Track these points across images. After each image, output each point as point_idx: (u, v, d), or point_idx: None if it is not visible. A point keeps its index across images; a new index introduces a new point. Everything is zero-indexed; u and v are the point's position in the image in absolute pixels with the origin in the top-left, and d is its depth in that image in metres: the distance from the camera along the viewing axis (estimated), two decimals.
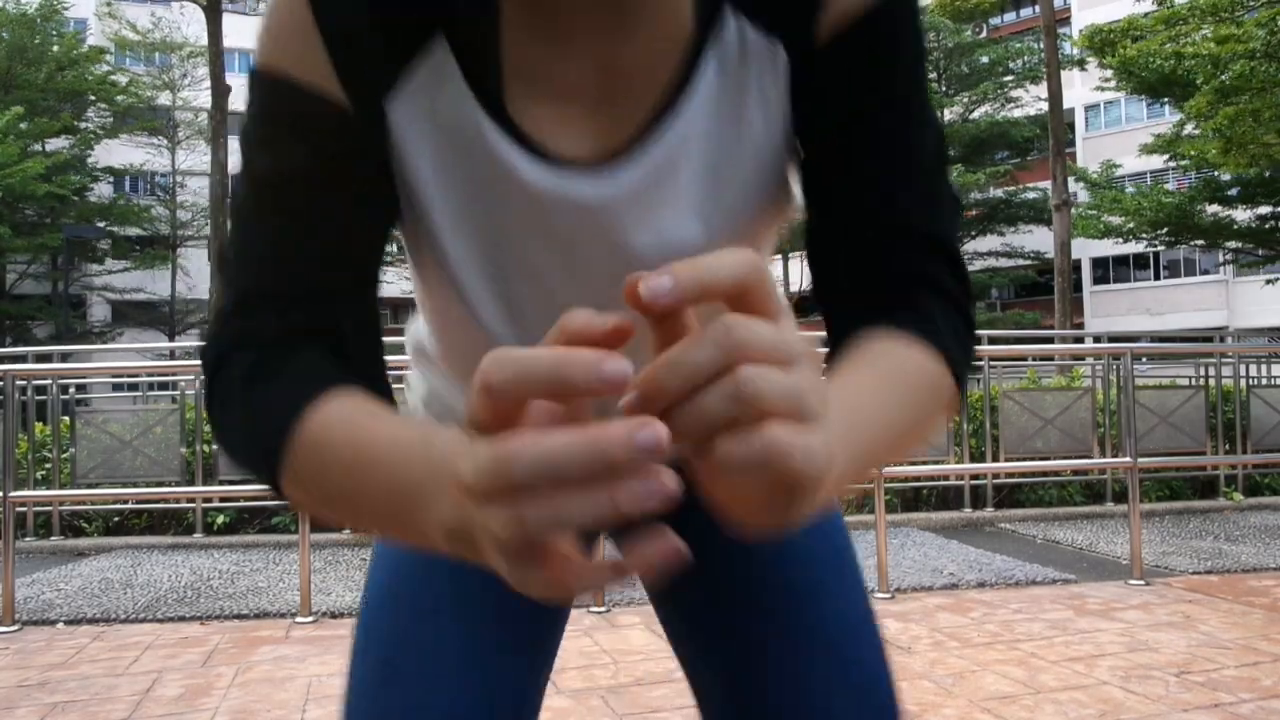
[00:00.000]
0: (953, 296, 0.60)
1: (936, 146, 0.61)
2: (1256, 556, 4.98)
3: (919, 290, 0.59)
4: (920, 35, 0.60)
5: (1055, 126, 13.34)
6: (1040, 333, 12.97)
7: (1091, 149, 29.69)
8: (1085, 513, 6.61)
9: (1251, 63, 12.84)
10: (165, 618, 4.09)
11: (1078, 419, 6.39)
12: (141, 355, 15.27)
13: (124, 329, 27.74)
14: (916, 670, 3.07)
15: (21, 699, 3.01)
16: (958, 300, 0.60)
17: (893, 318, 0.56)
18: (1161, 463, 6.51)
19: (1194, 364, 8.08)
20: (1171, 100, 16.79)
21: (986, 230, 26.29)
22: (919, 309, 0.58)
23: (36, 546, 5.97)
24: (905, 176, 0.59)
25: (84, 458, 5.53)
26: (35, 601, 4.44)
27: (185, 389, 6.37)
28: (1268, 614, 3.75)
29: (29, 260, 24.40)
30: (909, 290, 0.59)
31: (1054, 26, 13.71)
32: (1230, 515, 6.57)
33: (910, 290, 0.59)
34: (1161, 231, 18.82)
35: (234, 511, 6.22)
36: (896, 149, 0.59)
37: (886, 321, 0.55)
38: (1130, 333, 20.04)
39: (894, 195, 0.59)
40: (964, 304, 0.61)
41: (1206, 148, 15.25)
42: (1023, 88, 24.99)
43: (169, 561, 5.45)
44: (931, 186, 0.60)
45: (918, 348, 0.54)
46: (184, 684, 3.10)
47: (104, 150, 26.68)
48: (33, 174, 20.49)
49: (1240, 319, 26.33)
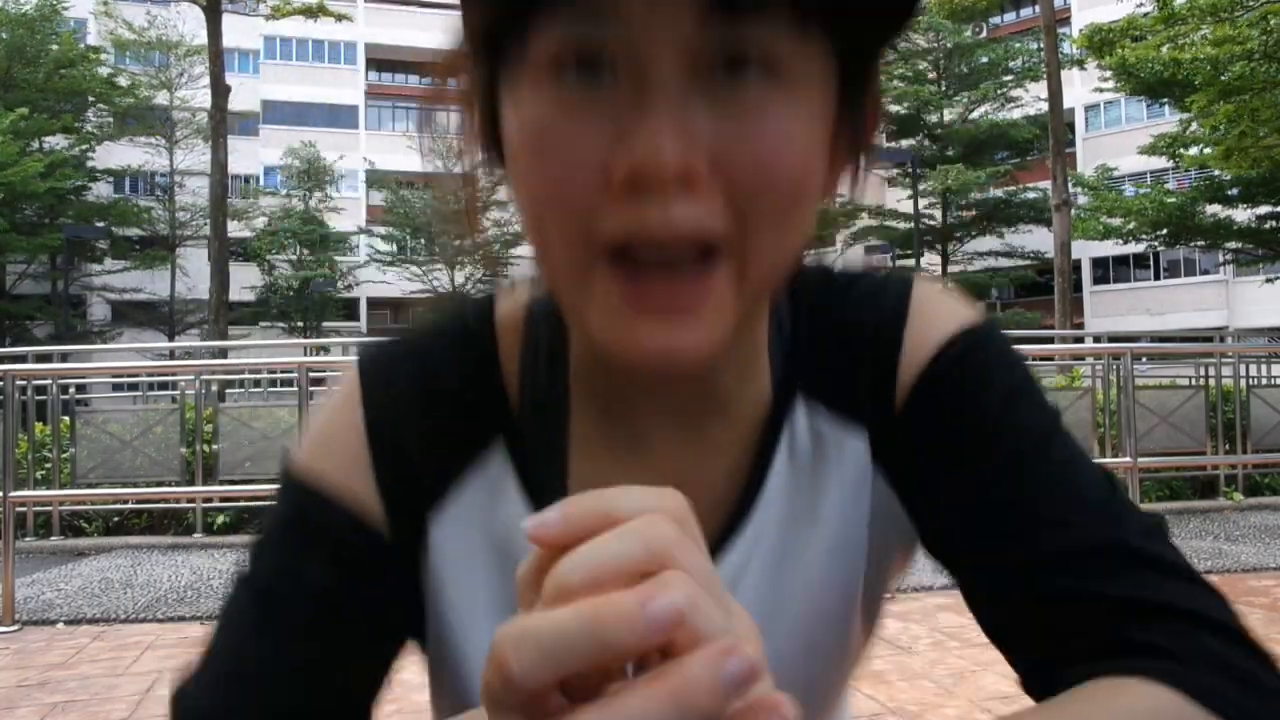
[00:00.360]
0: (1190, 614, 0.44)
1: (1082, 476, 0.50)
2: (1256, 556, 4.98)
3: (1125, 622, 0.45)
4: (1009, 365, 0.53)
5: (1055, 126, 13.35)
6: (1040, 333, 12.97)
7: (1091, 149, 29.69)
8: None
9: (1250, 64, 12.84)
10: (165, 618, 4.10)
11: (1078, 419, 6.39)
12: (141, 355, 15.26)
13: (123, 329, 27.76)
14: (917, 670, 3.07)
15: (22, 699, 3.01)
16: (1202, 618, 0.45)
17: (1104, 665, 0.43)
18: (1161, 463, 6.52)
19: (1194, 364, 8.07)
20: (1171, 100, 16.80)
21: (986, 230, 26.31)
22: (1134, 643, 0.44)
23: (36, 546, 5.97)
24: (1039, 517, 0.48)
25: (84, 458, 5.53)
26: (35, 601, 4.44)
27: (185, 389, 6.37)
28: (1268, 614, 3.75)
29: (28, 260, 24.40)
30: (1113, 629, 0.45)
31: (1054, 26, 13.72)
32: (1230, 515, 6.57)
33: (1115, 628, 0.45)
34: (1161, 232, 18.82)
35: (234, 511, 6.22)
36: (1024, 489, 0.49)
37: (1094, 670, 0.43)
38: (1130, 333, 20.07)
39: (1036, 535, 0.48)
40: (1218, 621, 0.45)
41: (1207, 156, 15.26)
42: (1022, 87, 24.98)
43: (169, 561, 5.45)
44: (1082, 509, 0.48)
45: (1142, 687, 0.41)
46: None
47: (103, 151, 26.71)
48: (32, 173, 20.48)
49: (1240, 319, 26.32)
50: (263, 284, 28.96)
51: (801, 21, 0.40)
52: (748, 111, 0.40)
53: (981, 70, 25.86)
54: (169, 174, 28.45)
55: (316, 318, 28.91)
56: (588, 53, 0.39)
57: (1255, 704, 0.41)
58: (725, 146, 0.39)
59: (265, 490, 5.47)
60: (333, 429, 0.53)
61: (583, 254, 0.41)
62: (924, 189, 22.94)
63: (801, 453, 0.53)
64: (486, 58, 0.45)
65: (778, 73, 0.40)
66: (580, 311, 0.44)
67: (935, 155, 25.54)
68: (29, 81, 23.29)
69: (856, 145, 0.48)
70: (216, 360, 8.71)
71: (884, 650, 3.27)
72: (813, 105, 0.42)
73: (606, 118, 0.39)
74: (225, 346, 10.13)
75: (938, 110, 25.78)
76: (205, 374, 6.61)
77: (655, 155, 0.38)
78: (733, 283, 0.42)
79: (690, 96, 0.39)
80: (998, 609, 0.50)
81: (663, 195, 0.39)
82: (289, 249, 28.85)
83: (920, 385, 0.52)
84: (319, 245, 29.19)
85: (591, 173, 0.40)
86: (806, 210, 0.43)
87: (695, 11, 0.38)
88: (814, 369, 0.54)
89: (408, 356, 0.55)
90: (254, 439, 5.62)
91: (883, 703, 2.80)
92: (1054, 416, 0.52)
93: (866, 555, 0.54)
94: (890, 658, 3.21)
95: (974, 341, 0.53)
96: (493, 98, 0.45)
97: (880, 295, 0.55)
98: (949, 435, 0.51)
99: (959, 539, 0.51)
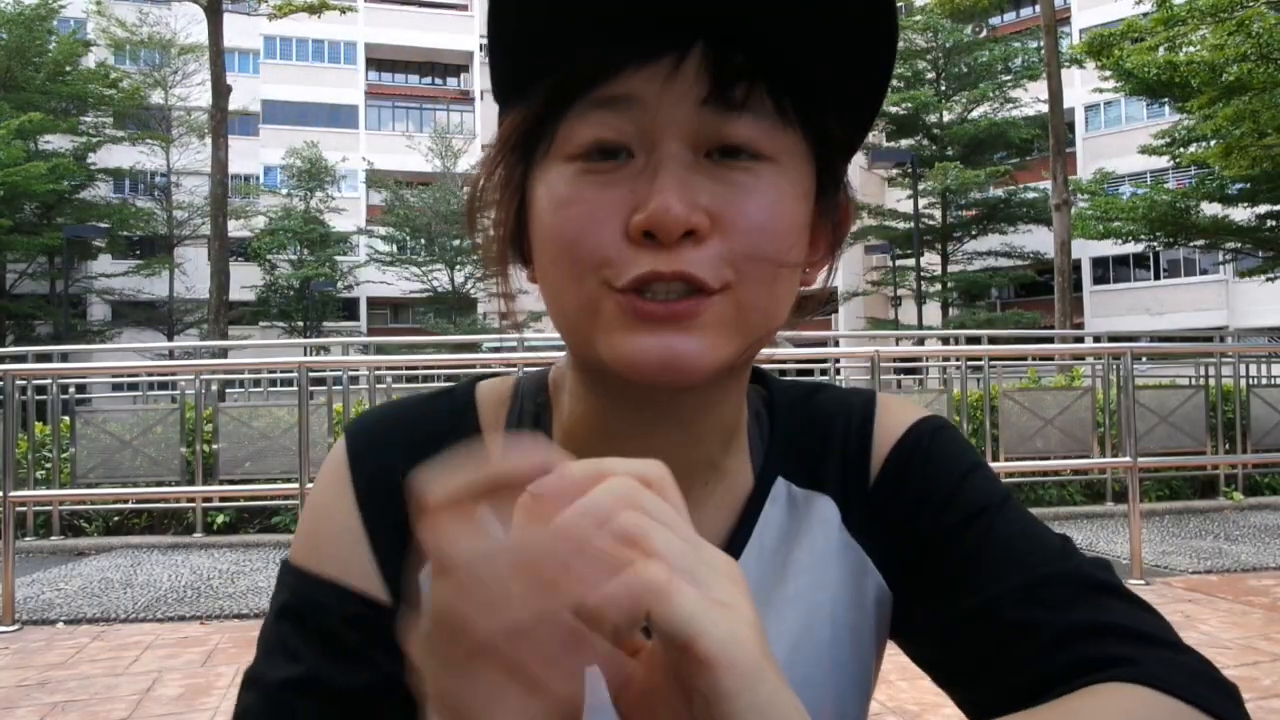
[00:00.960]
0: (1145, 634, 0.51)
1: (1037, 528, 0.57)
2: (1256, 556, 4.98)
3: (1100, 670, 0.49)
4: (965, 447, 0.61)
5: (1055, 125, 13.33)
6: (1040, 332, 12.98)
7: (1091, 149, 29.66)
8: (1085, 512, 6.61)
9: (1248, 65, 12.83)
10: (165, 617, 4.10)
11: (1078, 419, 6.39)
12: (141, 355, 15.26)
13: (123, 328, 27.74)
14: (917, 670, 3.07)
15: (21, 699, 3.00)
16: (1156, 637, 0.51)
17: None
18: (1161, 462, 6.51)
19: (1194, 364, 8.09)
20: (1171, 100, 16.78)
21: (986, 230, 26.28)
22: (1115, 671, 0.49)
23: (36, 546, 5.97)
24: (1011, 578, 0.54)
25: (84, 457, 5.52)
26: (35, 601, 4.44)
27: (185, 389, 6.37)
28: (1267, 614, 3.75)
29: (28, 260, 24.38)
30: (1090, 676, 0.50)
31: (1054, 25, 13.69)
32: (1230, 515, 6.57)
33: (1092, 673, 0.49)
34: (1159, 234, 18.78)
35: (234, 511, 6.22)
36: (987, 541, 0.56)
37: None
38: (1130, 332, 20.06)
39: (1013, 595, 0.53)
40: (1171, 640, 0.52)
41: (1206, 154, 15.23)
42: (1022, 87, 24.95)
43: (169, 561, 5.45)
44: (1053, 585, 0.54)
45: (1134, 692, 0.47)
46: (184, 684, 3.10)
47: (102, 150, 26.67)
48: (36, 175, 20.48)
49: (1240, 319, 26.30)
50: (263, 284, 28.94)
51: (782, 118, 0.49)
52: (740, 184, 0.48)
53: (981, 69, 25.83)
54: (166, 173, 28.42)
55: (317, 317, 28.91)
56: (608, 140, 0.48)
57: (1222, 700, 0.47)
58: (722, 210, 0.48)
59: (265, 490, 5.49)
60: (325, 508, 0.56)
61: (596, 292, 0.48)
62: (923, 189, 22.92)
63: (778, 521, 0.59)
64: (520, 156, 0.53)
65: (764, 157, 0.49)
66: (589, 337, 0.50)
67: (935, 155, 25.51)
68: (30, 82, 23.27)
69: (833, 236, 0.56)
70: (216, 360, 8.71)
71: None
72: (795, 186, 0.50)
73: (624, 187, 0.48)
74: (225, 346, 10.13)
75: (937, 110, 25.75)
76: (205, 374, 6.62)
77: (666, 212, 0.46)
78: (729, 309, 0.49)
79: (694, 172, 0.48)
80: (958, 655, 0.56)
81: (671, 245, 0.47)
82: (289, 249, 28.84)
83: (891, 463, 0.60)
84: (319, 245, 29.17)
85: (612, 226, 0.48)
86: (791, 272, 0.51)
87: (697, 103, 0.48)
88: (791, 455, 0.61)
89: (395, 424, 0.59)
90: (254, 439, 5.62)
91: (882, 702, 2.80)
92: (1006, 489, 0.60)
93: (845, 606, 0.59)
94: (890, 658, 3.17)
95: (934, 427, 0.62)
96: (521, 190, 0.53)
97: (849, 397, 0.64)
98: (919, 501, 0.58)
99: (925, 591, 0.57)
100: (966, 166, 24.35)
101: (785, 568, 0.58)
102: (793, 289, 0.52)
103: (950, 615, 0.55)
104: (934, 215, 25.76)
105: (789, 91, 0.49)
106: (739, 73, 0.48)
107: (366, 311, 33.46)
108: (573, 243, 0.48)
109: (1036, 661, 0.51)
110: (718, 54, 0.48)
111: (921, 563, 0.57)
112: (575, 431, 0.57)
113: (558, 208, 0.49)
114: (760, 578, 0.57)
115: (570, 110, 0.49)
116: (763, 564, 0.57)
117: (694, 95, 0.48)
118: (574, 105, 0.49)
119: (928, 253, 25.35)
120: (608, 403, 0.55)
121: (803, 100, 0.50)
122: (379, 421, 0.59)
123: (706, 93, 0.47)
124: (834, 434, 0.62)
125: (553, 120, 0.50)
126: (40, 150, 23.46)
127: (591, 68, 0.48)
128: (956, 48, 25.68)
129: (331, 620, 0.52)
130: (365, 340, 15.84)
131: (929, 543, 0.57)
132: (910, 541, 0.58)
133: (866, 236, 25.81)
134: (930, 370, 9.34)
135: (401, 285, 29.15)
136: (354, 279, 30.54)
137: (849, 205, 0.57)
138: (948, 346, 11.02)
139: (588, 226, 0.48)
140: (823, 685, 0.57)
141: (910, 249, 22.20)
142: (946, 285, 26.06)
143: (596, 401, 0.55)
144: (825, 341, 9.62)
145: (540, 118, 0.50)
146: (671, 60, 0.48)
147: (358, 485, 0.56)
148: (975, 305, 28.09)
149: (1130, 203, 18.38)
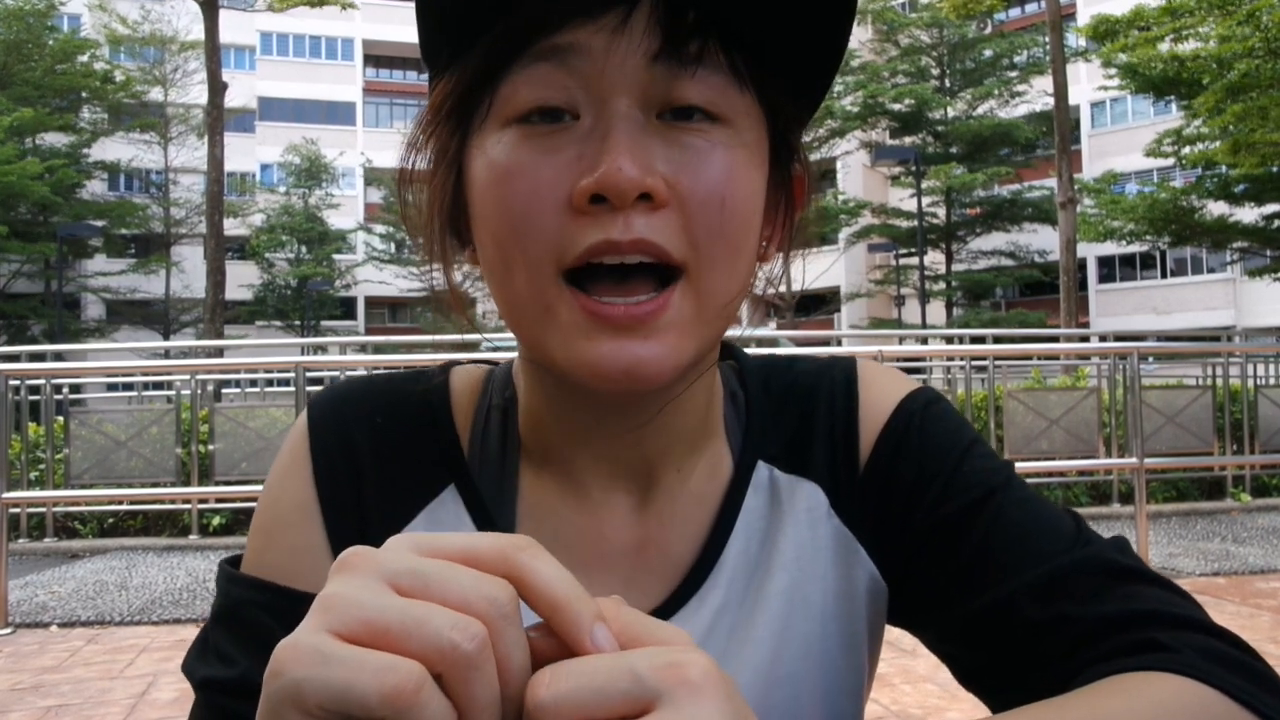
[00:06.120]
0: (1175, 617, 0.48)
1: (1046, 510, 0.53)
2: (1264, 558, 4.94)
3: (1118, 635, 0.48)
4: (960, 423, 0.57)
5: (1060, 123, 13.29)
6: (1045, 332, 12.91)
7: (1097, 146, 29.61)
8: (1091, 514, 6.55)
9: (1255, 61, 12.78)
10: (160, 620, 4.07)
11: (1083, 419, 6.33)
12: (136, 355, 15.23)
13: (118, 327, 27.73)
14: (921, 673, 3.04)
15: (14, 703, 2.98)
16: (1185, 618, 0.48)
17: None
18: (1168, 463, 6.47)
19: (1201, 363, 8.04)
20: (1177, 98, 16.72)
21: (991, 228, 26.23)
22: (1137, 649, 0.47)
23: (30, 548, 5.95)
24: (1018, 557, 0.51)
25: (78, 458, 5.48)
26: (29, 604, 4.41)
27: (180, 389, 6.33)
28: (1275, 616, 3.72)
29: (23, 260, 24.34)
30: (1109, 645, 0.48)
31: (1060, 22, 13.64)
32: (1238, 516, 6.53)
33: (1109, 643, 0.48)
34: (1162, 234, 18.73)
35: (229, 512, 6.19)
36: (995, 530, 0.52)
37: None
38: (1136, 332, 19.95)
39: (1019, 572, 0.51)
40: (1199, 620, 0.48)
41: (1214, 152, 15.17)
42: (1027, 83, 24.88)
43: (164, 563, 5.43)
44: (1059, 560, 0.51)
45: (1153, 681, 0.44)
46: (179, 687, 3.05)
47: (97, 147, 26.66)
48: (31, 174, 20.47)
49: (1248, 318, 26.23)
50: (260, 282, 28.93)
51: (736, 78, 0.46)
52: (695, 148, 0.45)
53: (985, 65, 25.79)
54: (163, 171, 28.39)
55: (314, 316, 28.90)
56: (551, 101, 0.44)
57: (1253, 687, 0.44)
58: (678, 176, 0.44)
59: (261, 491, 5.43)
60: (280, 483, 0.54)
61: (546, 279, 0.45)
62: (927, 187, 22.87)
63: (761, 510, 0.56)
64: (456, 125, 0.49)
65: (719, 119, 0.46)
66: (541, 339, 0.46)
67: (939, 153, 25.46)
68: (26, 78, 23.25)
69: (789, 209, 0.53)
70: (212, 360, 8.68)
71: (887, 653, 3.23)
72: (750, 150, 0.47)
73: (570, 151, 0.44)
74: (221, 346, 10.10)
75: (941, 107, 25.69)
76: (201, 373, 6.59)
77: (618, 173, 0.42)
78: (689, 303, 0.46)
79: (647, 134, 0.44)
80: (977, 652, 0.52)
81: (624, 210, 0.43)
82: (286, 247, 28.83)
83: (882, 445, 0.56)
84: (317, 243, 29.16)
85: (558, 195, 0.44)
86: (749, 243, 0.48)
87: (648, 59, 0.44)
88: (771, 437, 0.57)
89: (361, 399, 0.56)
90: (250, 439, 5.57)
91: (886, 705, 2.77)
92: (1008, 465, 0.56)
93: (835, 598, 0.56)
94: (893, 660, 3.18)
95: (924, 402, 0.58)
96: (457, 162, 0.49)
97: (828, 370, 0.60)
98: (915, 487, 0.54)
99: (933, 584, 0.53)
100: (970, 164, 24.32)
101: (770, 560, 0.55)
102: (752, 265, 0.50)
103: (964, 612, 0.51)
104: (938, 214, 25.72)
105: (742, 51, 0.46)
106: (692, 28, 0.44)
107: (364, 311, 33.46)
108: (517, 220, 0.44)
109: (1070, 659, 0.48)
110: (669, 7, 0.44)
111: (924, 553, 0.54)
112: (538, 427, 0.55)
113: (498, 180, 0.45)
114: (745, 572, 0.54)
115: (510, 69, 0.45)
116: (748, 558, 0.55)
117: (644, 49, 0.44)
118: (514, 63, 0.45)
119: (931, 251, 25.33)
120: (563, 398, 0.52)
121: (756, 62, 0.47)
122: (345, 396, 0.57)
123: (658, 48, 0.44)
124: (817, 412, 0.58)
125: (491, 82, 0.46)
126: (35, 148, 23.45)
127: (533, 20, 0.44)
128: (961, 43, 25.64)
129: (262, 619, 0.50)
130: (363, 340, 15.80)
131: (931, 532, 0.53)
132: (909, 530, 0.54)
133: (869, 235, 25.78)
134: (934, 370, 9.32)
135: (399, 284, 29.13)
136: (352, 278, 30.54)
137: (806, 176, 0.54)
138: (952, 346, 10.99)
139: (531, 202, 0.44)
140: (810, 681, 0.54)
141: (914, 248, 22.17)
142: (951, 284, 26.05)
143: (551, 400, 0.53)
144: (828, 341, 9.59)
145: (477, 79, 0.46)
146: (620, 13, 0.44)
147: (316, 459, 0.53)
148: (980, 305, 28.07)
149: (1130, 203, 18.33)
